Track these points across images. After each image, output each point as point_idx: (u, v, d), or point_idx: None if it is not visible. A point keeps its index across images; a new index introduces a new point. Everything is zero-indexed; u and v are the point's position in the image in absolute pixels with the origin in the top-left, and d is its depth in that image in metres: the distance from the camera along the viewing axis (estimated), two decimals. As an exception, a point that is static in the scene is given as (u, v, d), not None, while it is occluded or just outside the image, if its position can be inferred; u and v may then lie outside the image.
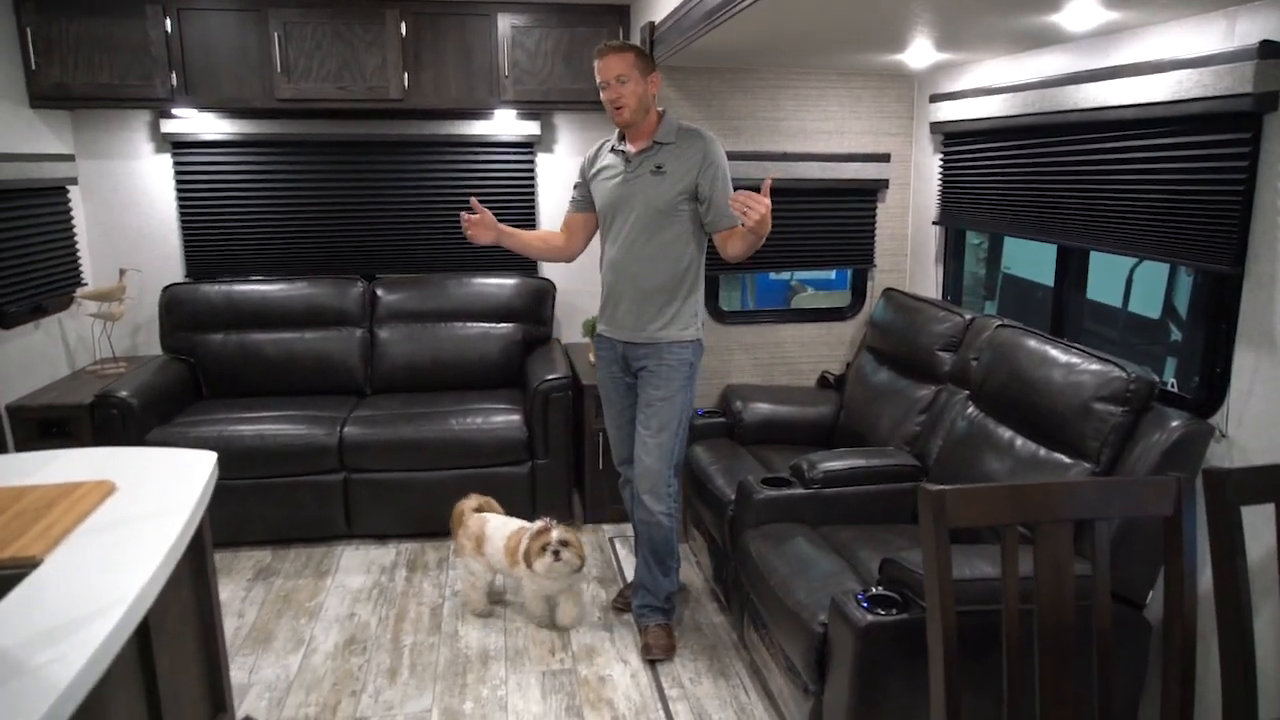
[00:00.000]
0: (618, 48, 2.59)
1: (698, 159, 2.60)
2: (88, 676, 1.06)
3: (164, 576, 1.34)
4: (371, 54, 3.64)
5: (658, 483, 2.70)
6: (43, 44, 3.44)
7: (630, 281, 2.69)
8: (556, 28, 3.72)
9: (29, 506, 1.47)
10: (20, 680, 1.00)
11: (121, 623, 1.16)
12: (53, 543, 1.35)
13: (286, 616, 3.01)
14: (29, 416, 3.31)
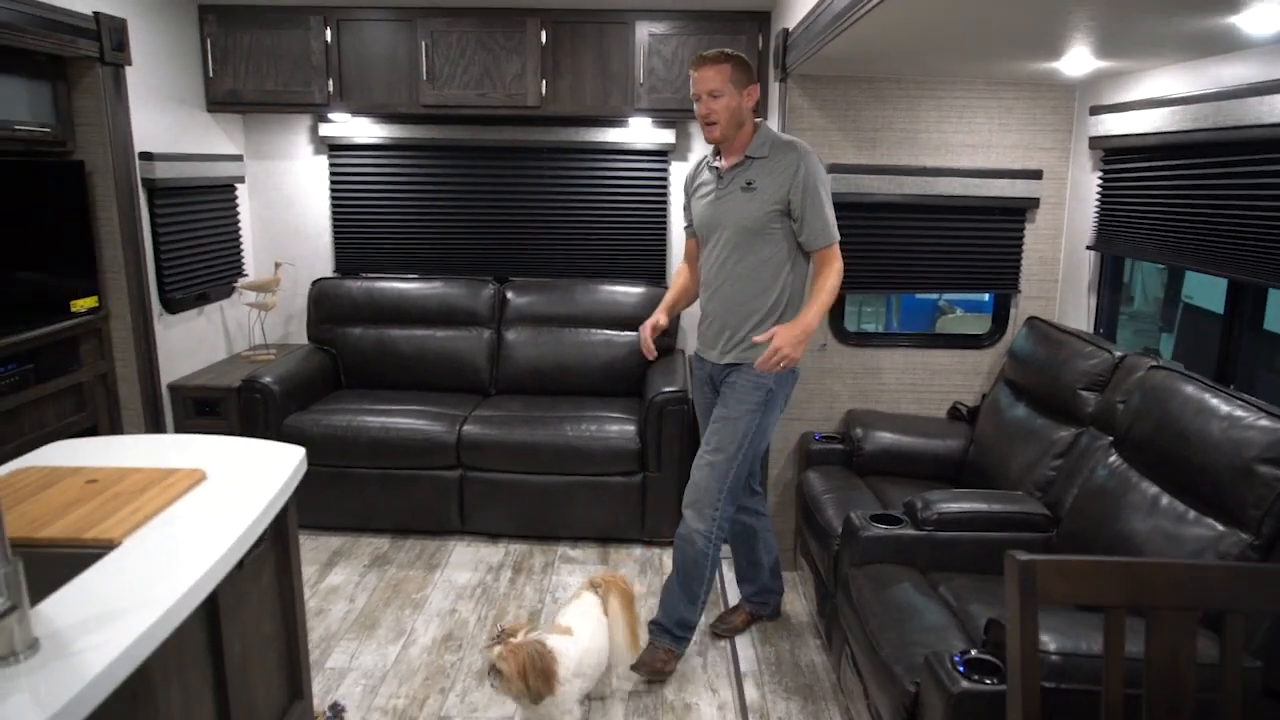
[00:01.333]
0: (714, 59, 2.47)
1: (789, 174, 2.46)
2: (129, 659, 1.10)
3: (227, 566, 1.39)
4: (511, 61, 3.71)
5: (703, 500, 2.60)
6: (220, 54, 3.73)
7: (720, 302, 2.61)
8: (694, 35, 3.66)
9: (125, 489, 1.57)
10: (60, 662, 1.04)
11: (173, 610, 1.20)
12: (134, 527, 1.42)
13: (393, 606, 3.11)
14: (186, 395, 3.59)
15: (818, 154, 3.06)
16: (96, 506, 1.48)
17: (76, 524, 1.41)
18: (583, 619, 2.43)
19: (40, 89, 2.93)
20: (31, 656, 1.05)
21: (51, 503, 1.50)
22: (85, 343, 3.14)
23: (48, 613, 1.15)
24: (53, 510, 1.47)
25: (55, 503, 1.50)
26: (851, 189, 3.11)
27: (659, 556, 3.53)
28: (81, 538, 1.37)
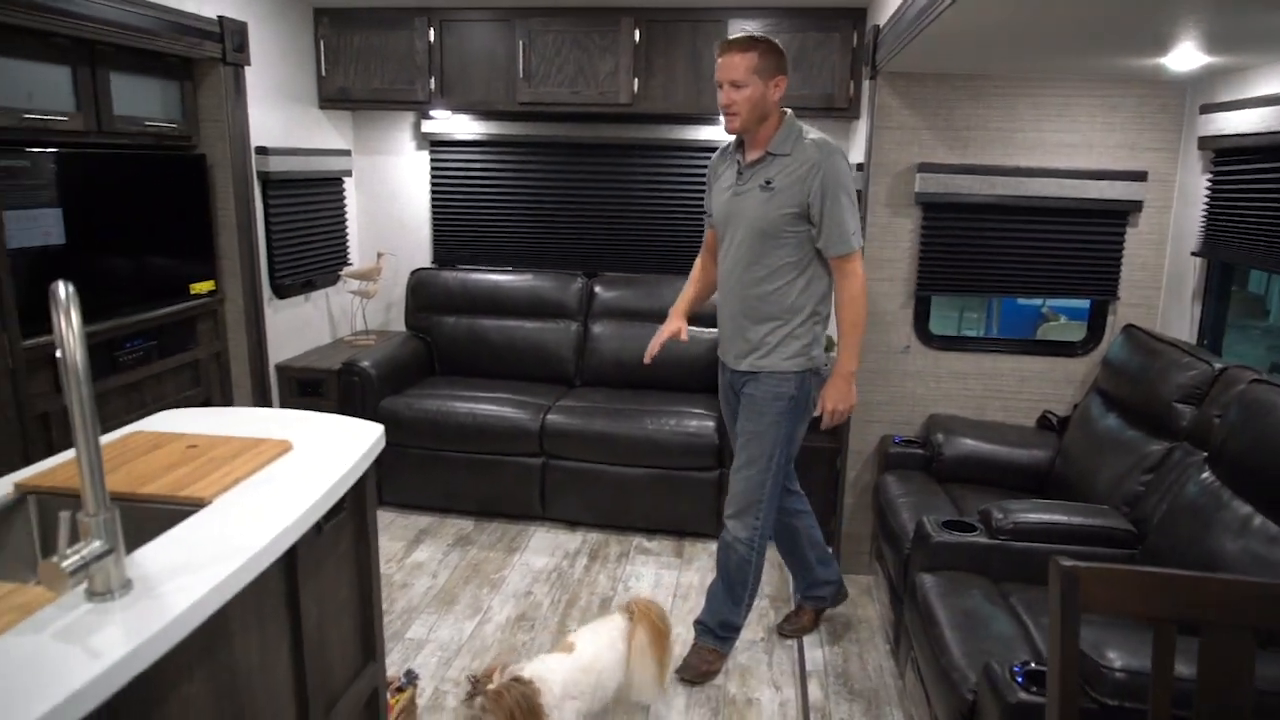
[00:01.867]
0: (741, 45, 2.31)
1: (809, 175, 2.33)
2: (208, 603, 1.21)
3: (303, 527, 1.49)
4: (605, 60, 3.79)
5: (744, 510, 2.57)
6: (332, 54, 3.95)
7: (735, 305, 2.51)
8: (788, 32, 3.65)
9: (220, 455, 1.70)
10: (149, 601, 1.16)
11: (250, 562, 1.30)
12: (224, 488, 1.54)
13: (472, 584, 3.23)
14: (291, 376, 3.82)
15: (906, 153, 3.05)
16: (193, 469, 1.62)
17: (173, 483, 1.55)
18: (593, 637, 2.30)
19: (169, 88, 3.18)
20: (124, 595, 1.17)
21: (155, 464, 1.64)
22: (202, 323, 3.38)
23: (142, 559, 1.27)
24: (155, 470, 1.61)
25: (158, 464, 1.64)
26: (941, 189, 3.04)
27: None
28: (176, 495, 1.50)
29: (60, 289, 1.11)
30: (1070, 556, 2.32)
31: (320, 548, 1.68)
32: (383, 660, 2.05)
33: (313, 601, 1.65)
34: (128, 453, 1.70)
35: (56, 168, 2.65)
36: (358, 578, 1.91)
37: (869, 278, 3.12)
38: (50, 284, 1.12)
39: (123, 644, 1.06)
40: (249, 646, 1.43)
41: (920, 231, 3.13)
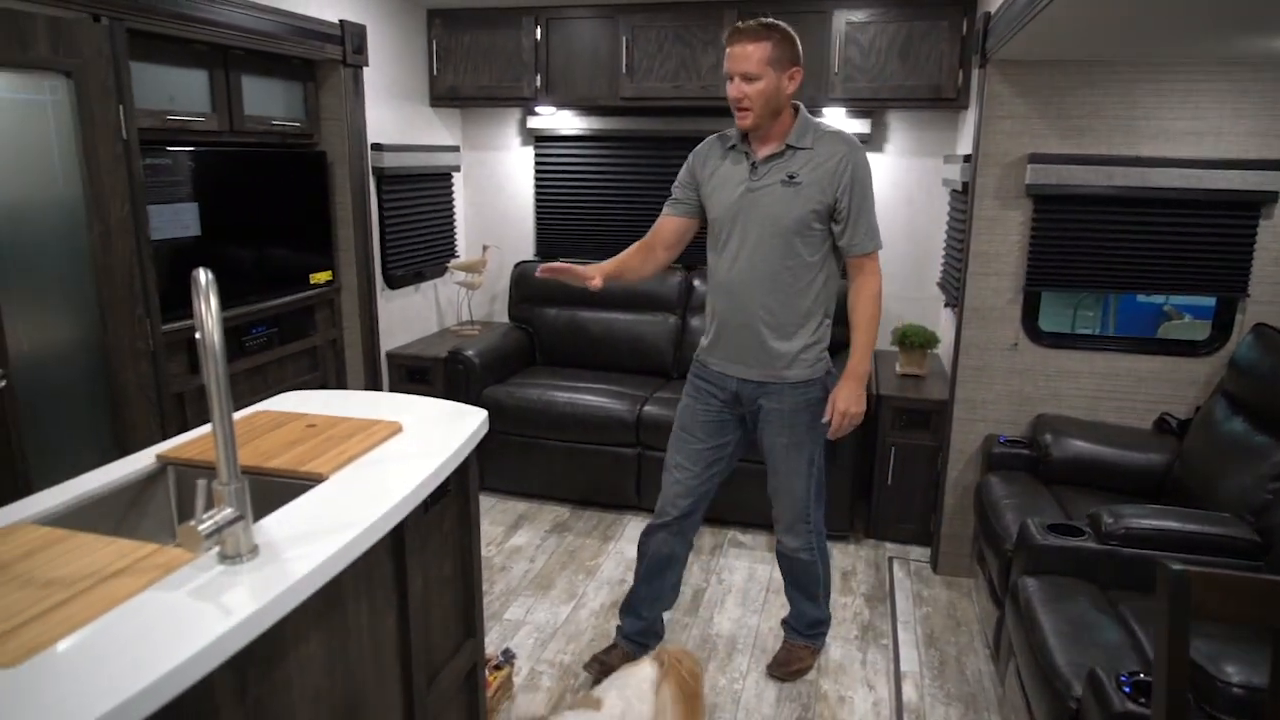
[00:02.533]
0: (753, 33, 2.12)
1: (837, 169, 2.20)
2: (326, 570, 1.29)
3: (411, 504, 1.57)
4: (707, 54, 3.79)
5: (794, 520, 2.50)
6: (443, 53, 4.09)
7: (749, 310, 2.31)
8: (894, 22, 3.58)
9: (337, 434, 1.81)
10: (274, 566, 1.25)
11: (363, 534, 1.39)
12: (340, 465, 1.64)
13: (568, 570, 3.31)
14: (400, 363, 3.99)
15: (1016, 143, 2.95)
16: (312, 446, 1.73)
17: (295, 459, 1.66)
18: (620, 690, 2.17)
19: (294, 89, 3.36)
20: (251, 559, 1.26)
21: (278, 440, 1.76)
22: (320, 311, 3.57)
23: (266, 526, 1.37)
24: (278, 447, 1.72)
25: (281, 441, 1.76)
26: (1055, 180, 2.93)
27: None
28: (297, 470, 1.61)
29: (201, 276, 1.21)
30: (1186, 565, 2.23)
31: (426, 525, 1.76)
32: (482, 637, 2.14)
33: (418, 574, 1.73)
34: (254, 430, 1.83)
35: (193, 165, 2.85)
36: (460, 556, 2.00)
37: (978, 272, 3.07)
38: (186, 273, 1.21)
39: (251, 603, 1.15)
40: (360, 613, 1.52)
41: (1031, 224, 3.02)
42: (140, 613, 1.12)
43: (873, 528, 3.61)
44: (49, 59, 2.20)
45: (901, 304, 4.14)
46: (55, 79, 2.25)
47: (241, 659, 1.14)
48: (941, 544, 3.34)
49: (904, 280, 4.13)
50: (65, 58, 2.24)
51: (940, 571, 3.34)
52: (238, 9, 2.84)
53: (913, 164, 4.03)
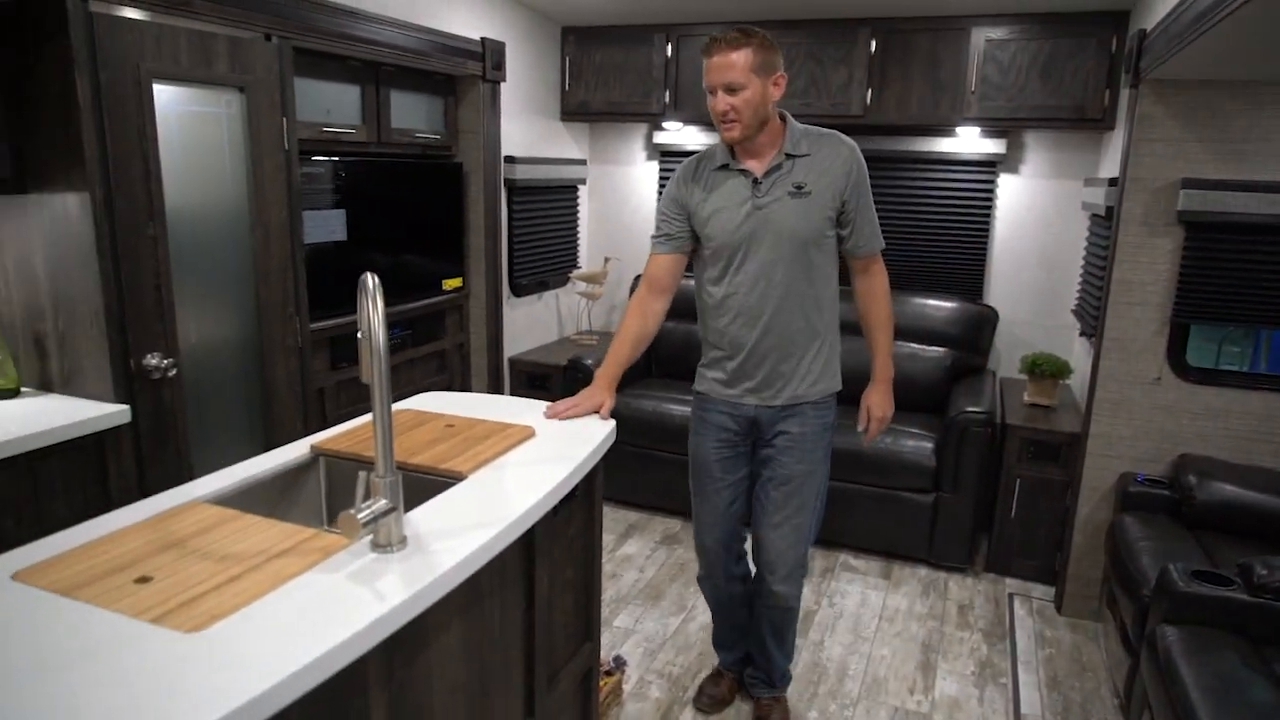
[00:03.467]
0: (733, 41, 1.99)
1: (843, 171, 2.11)
2: (468, 565, 1.35)
3: (545, 508, 1.62)
4: (838, 71, 3.77)
5: (794, 568, 2.31)
6: (575, 69, 4.20)
7: (778, 333, 2.16)
8: (1036, 39, 3.47)
9: (475, 435, 1.88)
10: (421, 557, 1.31)
11: (498, 536, 1.44)
12: (477, 465, 1.71)
13: (678, 582, 3.32)
14: (521, 369, 4.11)
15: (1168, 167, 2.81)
16: (451, 446, 1.80)
17: (436, 456, 1.74)
18: None
19: (435, 103, 3.52)
20: (402, 549, 1.33)
21: (420, 438, 1.85)
22: (449, 316, 3.71)
23: (413, 519, 1.45)
24: (420, 444, 1.81)
25: (422, 439, 1.85)
26: (1210, 207, 2.77)
27: (944, 581, 3.41)
28: (439, 468, 1.69)
29: (369, 280, 1.28)
30: (1353, 626, 2.06)
31: (555, 527, 1.82)
32: (598, 641, 2.18)
33: (545, 575, 1.78)
34: (397, 427, 1.92)
35: (343, 174, 3.02)
36: (582, 561, 2.04)
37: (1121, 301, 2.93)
38: (332, 275, 1.29)
39: (402, 591, 1.21)
40: (493, 609, 1.58)
41: (1181, 253, 2.86)
42: (304, 592, 1.20)
43: (993, 561, 3.48)
44: (227, 75, 2.38)
45: (1032, 331, 3.99)
46: (230, 93, 2.44)
47: (390, 643, 1.21)
48: (1068, 583, 3.19)
49: (1036, 306, 3.99)
50: (240, 74, 2.42)
51: (1065, 612, 3.19)
52: (391, 28, 3.00)
53: (1050, 186, 3.89)
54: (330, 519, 1.82)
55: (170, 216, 2.26)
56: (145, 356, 2.23)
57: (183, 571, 1.24)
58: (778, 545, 2.29)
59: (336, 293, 2.89)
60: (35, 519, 1.95)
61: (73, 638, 1.06)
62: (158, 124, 2.19)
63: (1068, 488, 3.24)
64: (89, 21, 2.00)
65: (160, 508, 1.47)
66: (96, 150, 2.04)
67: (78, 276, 2.11)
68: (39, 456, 1.94)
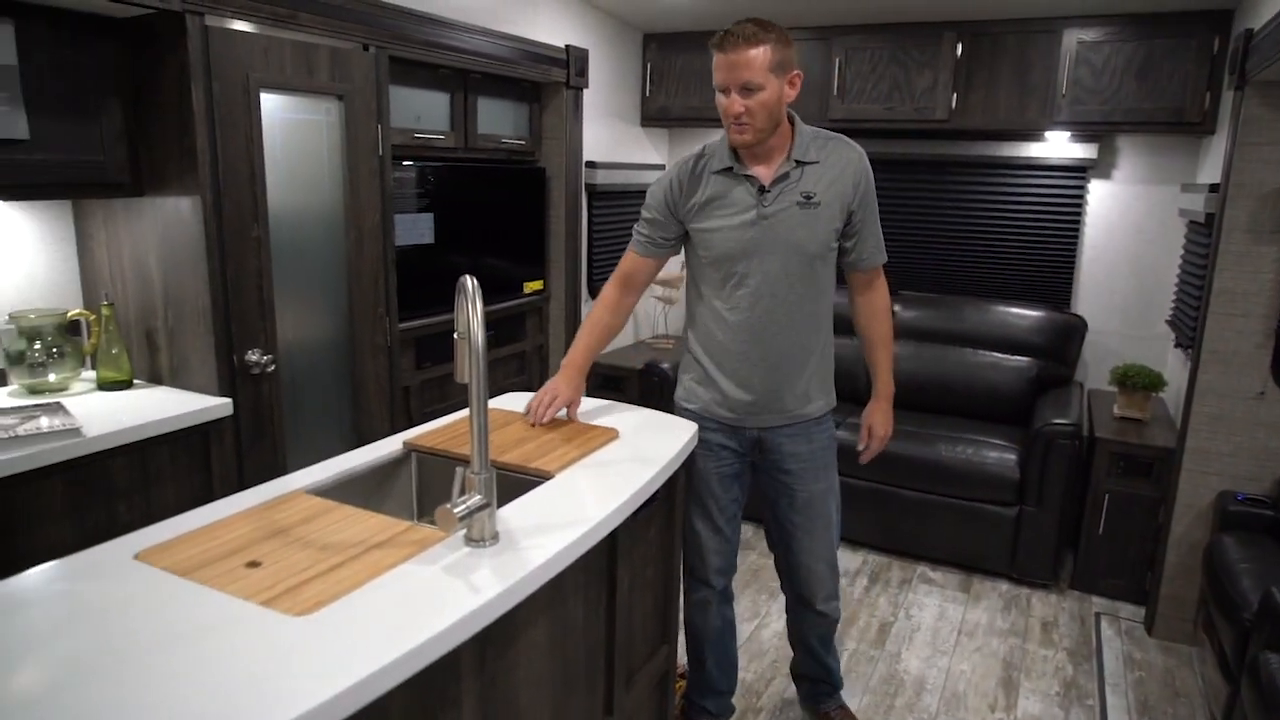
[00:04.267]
0: (749, 37, 1.81)
1: (851, 180, 1.97)
2: (558, 561, 1.38)
3: (630, 508, 1.65)
4: (923, 75, 3.71)
5: (833, 584, 2.27)
6: (656, 75, 4.24)
7: (780, 351, 2.05)
8: (1132, 41, 3.36)
9: (560, 435, 1.92)
10: (512, 553, 1.35)
11: (586, 535, 1.47)
12: (564, 465, 1.75)
13: (752, 589, 3.31)
14: (598, 371, 4.14)
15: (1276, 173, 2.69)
16: (538, 445, 1.85)
17: (524, 455, 1.78)
18: None
19: (521, 110, 3.59)
20: (494, 544, 1.37)
21: (508, 437, 1.90)
22: (530, 318, 3.78)
23: (503, 516, 1.48)
24: (509, 443, 1.86)
25: (510, 438, 1.89)
26: (1321, 215, 2.64)
27: (1026, 596, 3.32)
28: (527, 467, 1.73)
29: (468, 282, 1.33)
30: None
31: (636, 529, 1.84)
32: (675, 644, 2.19)
33: (626, 575, 1.81)
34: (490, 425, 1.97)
35: (431, 178, 3.10)
36: (661, 562, 2.06)
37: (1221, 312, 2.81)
38: (419, 277, 1.33)
39: (496, 585, 1.25)
40: (577, 606, 1.61)
41: (1289, 262, 2.74)
42: (402, 582, 1.24)
43: (1078, 579, 3.37)
44: (328, 85, 2.48)
45: (1123, 341, 3.86)
46: (330, 101, 2.54)
47: (483, 635, 1.25)
48: (1159, 604, 3.07)
49: (1127, 316, 3.86)
50: (340, 83, 2.52)
51: (1156, 634, 3.07)
52: (480, 36, 3.07)
53: (1144, 192, 3.75)
54: (420, 513, 1.88)
55: (272, 219, 2.37)
56: (247, 352, 2.33)
57: (288, 558, 1.30)
58: (817, 570, 2.23)
59: (423, 294, 2.97)
60: (144, 504, 2.06)
61: (191, 616, 1.13)
62: (263, 131, 2.30)
63: (1160, 505, 3.12)
64: (204, 34, 2.11)
65: (265, 497, 1.55)
66: (208, 156, 2.15)
67: (188, 276, 2.23)
68: (149, 445, 2.06)
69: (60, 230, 2.39)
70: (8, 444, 1.78)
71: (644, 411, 2.18)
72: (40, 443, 1.82)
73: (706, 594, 2.29)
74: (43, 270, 2.36)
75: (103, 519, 1.97)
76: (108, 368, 2.29)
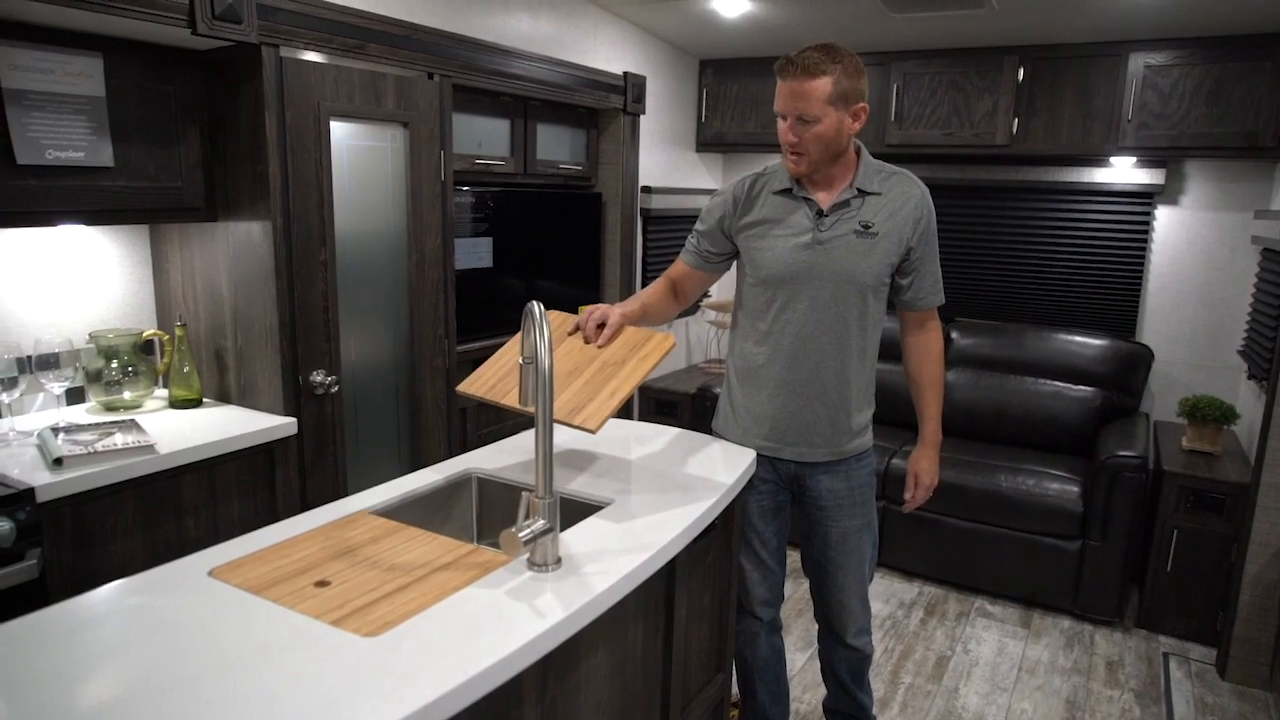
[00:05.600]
0: (812, 66, 1.77)
1: (913, 216, 1.93)
2: (620, 588, 1.38)
3: (688, 537, 1.64)
4: (983, 100, 3.68)
5: (865, 619, 2.22)
6: (712, 101, 4.26)
7: (821, 382, 2.00)
8: (1202, 64, 3.29)
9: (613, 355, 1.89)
10: (575, 578, 1.35)
11: (647, 562, 1.46)
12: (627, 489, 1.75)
13: (805, 617, 3.26)
14: (650, 396, 4.16)
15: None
16: (587, 380, 1.80)
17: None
18: None
19: (578, 135, 3.64)
20: (557, 569, 1.37)
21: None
22: (584, 341, 3.80)
23: (565, 540, 1.49)
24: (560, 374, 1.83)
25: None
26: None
27: (1090, 634, 3.21)
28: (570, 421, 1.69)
29: (535, 308, 1.34)
30: None
31: (694, 556, 1.83)
32: (730, 672, 2.17)
33: (683, 601, 1.79)
34: (544, 449, 1.99)
35: (491, 203, 3.15)
36: (718, 590, 2.04)
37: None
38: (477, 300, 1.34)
39: (560, 610, 1.25)
40: (636, 632, 1.60)
41: (1372, 292, 2.64)
42: (468, 605, 1.25)
43: (1145, 617, 3.26)
44: (394, 112, 2.54)
45: (1191, 371, 3.75)
46: (395, 128, 2.60)
47: (546, 660, 1.25)
48: (1232, 645, 2.95)
49: (1197, 346, 3.75)
50: (405, 110, 2.58)
51: (1229, 678, 2.95)
52: (540, 64, 3.13)
53: (1214, 219, 3.66)
54: (480, 535, 1.89)
55: (338, 243, 2.43)
56: (312, 373, 2.39)
57: (356, 578, 1.31)
58: (849, 605, 2.18)
59: (481, 317, 3.01)
60: (211, 520, 2.12)
61: (264, 634, 1.15)
62: (332, 157, 2.36)
63: (1233, 542, 3.01)
64: (279, 65, 2.18)
65: (330, 517, 1.57)
66: (280, 181, 2.22)
67: (257, 297, 2.29)
68: (218, 463, 2.11)
69: (138, 254, 2.48)
70: (86, 460, 1.84)
71: (702, 438, 2.18)
72: (116, 459, 1.88)
73: (754, 625, 2.26)
74: (121, 292, 2.45)
75: (172, 534, 2.02)
76: (179, 386, 2.36)
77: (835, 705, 2.40)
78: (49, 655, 1.09)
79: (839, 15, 3.50)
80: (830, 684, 2.38)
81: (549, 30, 3.33)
